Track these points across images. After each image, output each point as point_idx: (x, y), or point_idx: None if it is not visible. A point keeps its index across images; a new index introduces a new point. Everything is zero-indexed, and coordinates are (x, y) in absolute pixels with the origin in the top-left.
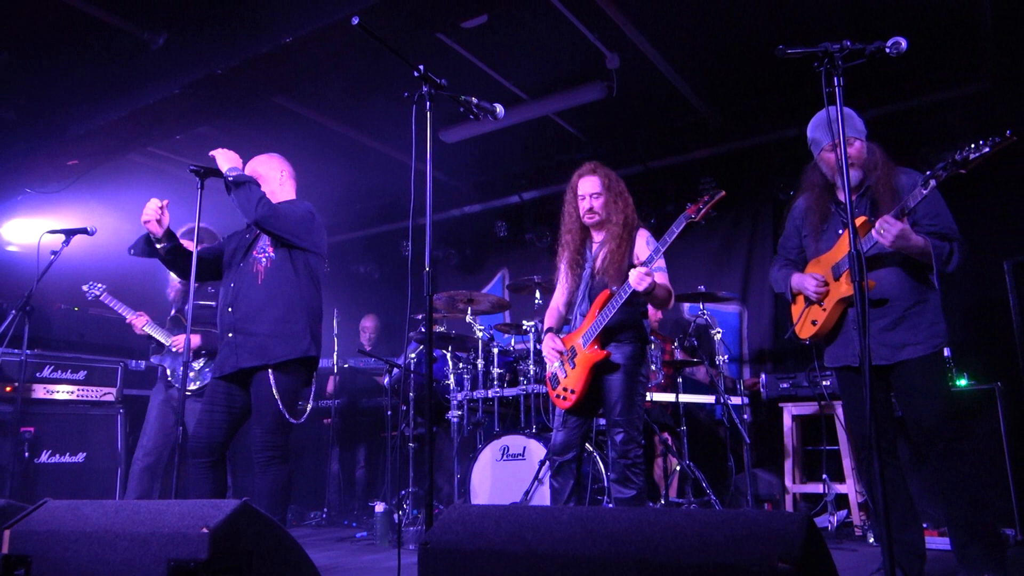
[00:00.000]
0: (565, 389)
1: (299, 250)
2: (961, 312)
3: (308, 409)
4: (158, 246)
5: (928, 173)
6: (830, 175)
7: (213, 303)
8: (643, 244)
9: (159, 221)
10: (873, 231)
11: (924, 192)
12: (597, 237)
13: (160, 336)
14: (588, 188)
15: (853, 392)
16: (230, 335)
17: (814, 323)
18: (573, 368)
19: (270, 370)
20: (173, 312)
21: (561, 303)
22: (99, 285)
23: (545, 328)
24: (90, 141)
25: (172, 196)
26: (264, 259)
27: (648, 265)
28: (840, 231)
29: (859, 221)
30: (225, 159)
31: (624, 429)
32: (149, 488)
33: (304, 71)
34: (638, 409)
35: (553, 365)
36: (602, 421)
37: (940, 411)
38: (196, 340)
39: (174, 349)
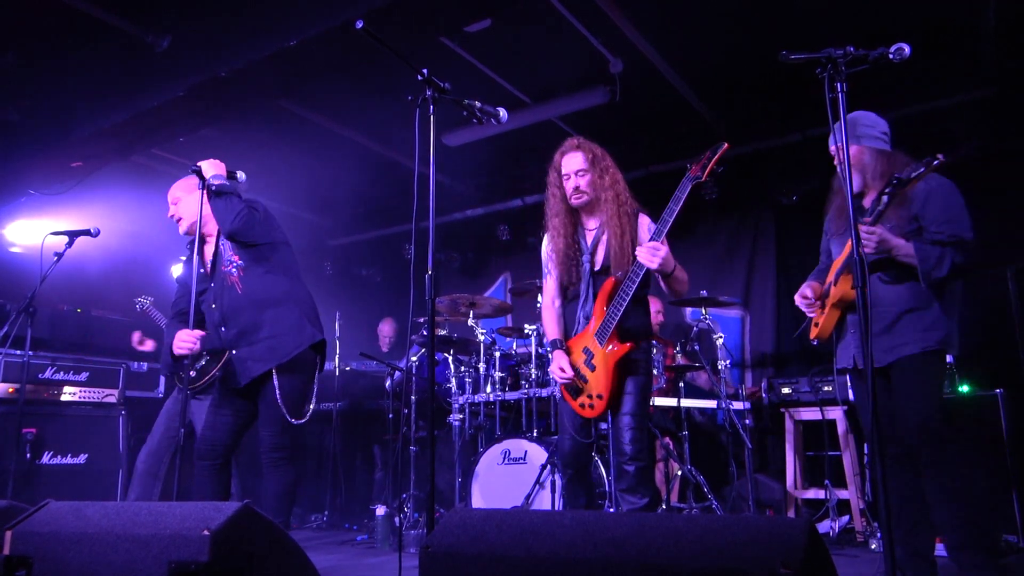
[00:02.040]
0: (590, 396)
1: (265, 246)
2: (963, 319)
3: (310, 409)
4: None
5: (885, 189)
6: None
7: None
8: (646, 230)
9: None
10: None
11: (885, 200)
12: (591, 224)
13: None
14: (572, 165)
15: (860, 395)
16: (233, 352)
17: (816, 325)
18: (594, 371)
19: (274, 373)
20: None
21: (557, 302)
22: (148, 299)
23: (550, 339)
24: (94, 143)
25: None
26: (234, 269)
27: (657, 239)
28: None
29: (861, 227)
30: (211, 167)
31: (637, 431)
32: (151, 489)
33: (308, 74)
34: (648, 411)
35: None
36: (603, 425)
37: (925, 414)
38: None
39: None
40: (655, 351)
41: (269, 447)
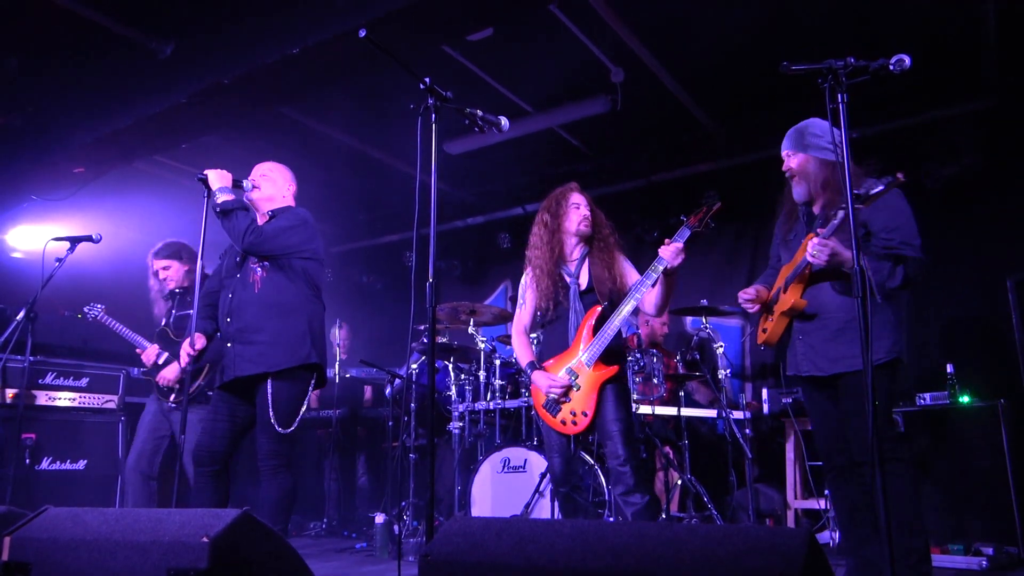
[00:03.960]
0: (574, 413)
1: (288, 256)
2: (964, 329)
3: (298, 420)
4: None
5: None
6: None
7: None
8: (624, 263)
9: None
10: (807, 253)
11: (835, 224)
12: (575, 254)
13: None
14: (582, 200)
15: (810, 404)
16: (229, 345)
17: (764, 331)
18: (579, 391)
19: (269, 379)
20: (162, 324)
21: (528, 325)
22: (98, 306)
23: (526, 362)
24: (96, 149)
25: (177, 205)
26: (260, 268)
27: (680, 241)
28: (802, 240)
29: (809, 237)
30: (217, 178)
31: (625, 434)
32: (146, 490)
33: (310, 82)
34: (630, 414)
35: (551, 397)
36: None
37: (870, 430)
38: (174, 371)
39: (148, 364)
40: (655, 360)
41: (265, 454)
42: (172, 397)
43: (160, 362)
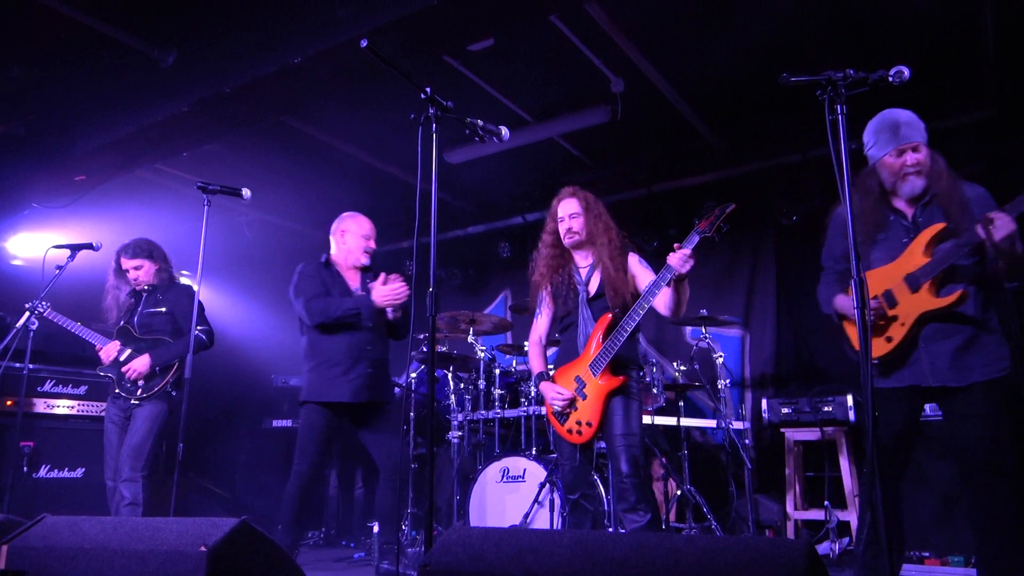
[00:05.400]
0: (579, 423)
1: None
2: None
3: None
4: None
5: None
6: (890, 182)
7: (163, 309)
8: (638, 264)
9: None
10: (979, 227)
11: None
12: (583, 261)
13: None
14: (567, 209)
15: (886, 408)
16: (370, 370)
17: (889, 340)
18: (585, 400)
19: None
20: (122, 323)
21: (544, 335)
22: (43, 303)
23: (536, 373)
24: (98, 157)
25: (178, 213)
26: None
27: (688, 248)
28: (905, 240)
29: (938, 227)
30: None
31: (632, 449)
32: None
33: (311, 91)
34: (642, 431)
35: (556, 407)
36: (600, 444)
37: (994, 441)
38: (145, 362)
39: (107, 360)
40: (655, 369)
41: (398, 459)
42: (140, 391)
43: (122, 358)
